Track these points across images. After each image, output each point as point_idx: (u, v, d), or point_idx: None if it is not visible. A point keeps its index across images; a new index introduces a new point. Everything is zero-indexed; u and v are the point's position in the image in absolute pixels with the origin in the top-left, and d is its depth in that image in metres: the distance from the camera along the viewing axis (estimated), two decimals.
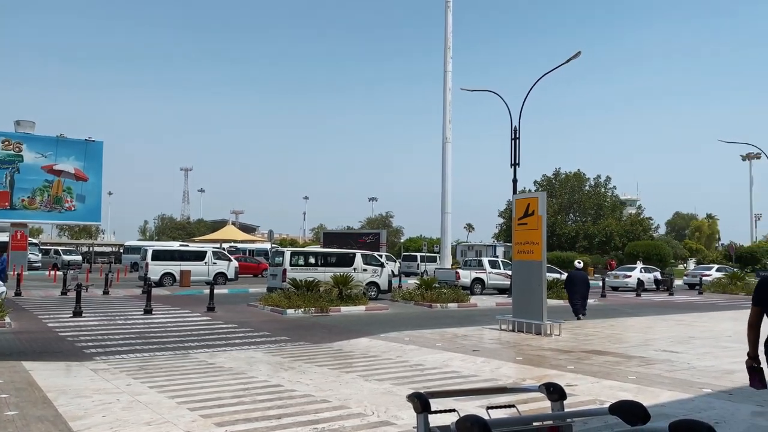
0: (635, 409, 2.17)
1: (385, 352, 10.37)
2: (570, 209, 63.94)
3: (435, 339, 11.95)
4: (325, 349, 10.75)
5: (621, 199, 69.78)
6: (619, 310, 20.32)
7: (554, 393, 2.51)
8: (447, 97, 34.31)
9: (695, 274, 36.92)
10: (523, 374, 8.54)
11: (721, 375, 8.44)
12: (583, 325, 14.83)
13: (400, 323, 15.31)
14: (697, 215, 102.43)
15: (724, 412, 6.36)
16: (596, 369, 8.86)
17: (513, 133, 23.17)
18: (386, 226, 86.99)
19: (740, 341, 12.12)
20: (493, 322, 14.55)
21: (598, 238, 58.10)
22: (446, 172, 35.02)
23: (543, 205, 13.36)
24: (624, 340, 12.32)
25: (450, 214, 36.44)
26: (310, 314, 17.05)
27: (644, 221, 62.25)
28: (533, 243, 13.34)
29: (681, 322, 16.11)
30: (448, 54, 34.26)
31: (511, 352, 10.70)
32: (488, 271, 27.45)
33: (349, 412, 6.21)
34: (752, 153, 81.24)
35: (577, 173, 64.79)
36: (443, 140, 34.60)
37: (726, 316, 18.25)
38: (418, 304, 20.71)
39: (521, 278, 13.79)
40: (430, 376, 8.26)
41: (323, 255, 23.28)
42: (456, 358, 9.80)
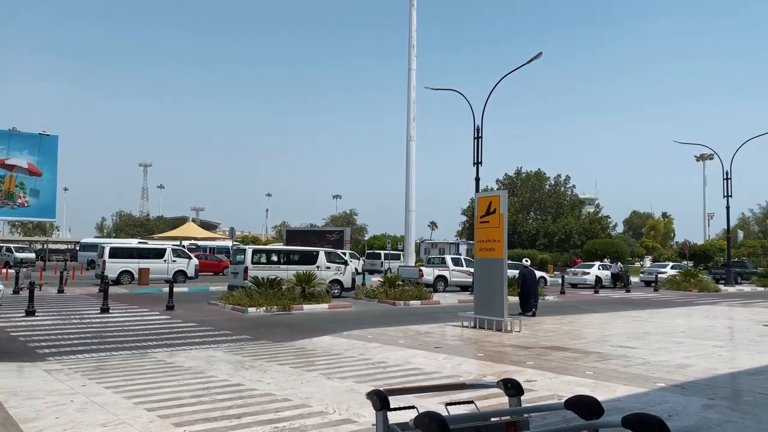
0: (590, 404, 2.22)
1: (347, 350, 10.35)
2: (531, 208, 64.95)
3: (398, 336, 11.99)
4: (287, 348, 10.67)
5: (580, 198, 71.19)
6: (578, 307, 20.73)
7: (512, 389, 2.55)
8: (411, 95, 34.42)
9: (651, 271, 37.97)
10: (484, 370, 8.63)
11: (674, 369, 8.69)
12: (543, 322, 15.09)
13: (363, 321, 15.31)
14: (653, 214, 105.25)
15: (677, 405, 6.55)
16: (555, 365, 9.02)
17: (476, 132, 23.38)
18: (350, 223, 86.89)
19: (693, 336, 12.53)
20: (455, 319, 14.67)
21: (557, 236, 59.17)
22: (410, 170, 35.15)
23: (504, 203, 13.53)
24: (582, 336, 12.57)
25: (414, 212, 36.61)
26: (272, 313, 16.90)
27: (602, 220, 63.66)
28: (495, 241, 13.50)
29: (637, 318, 16.53)
30: (412, 52, 34.36)
31: (473, 348, 10.81)
32: (451, 269, 27.68)
33: (310, 411, 6.18)
34: (706, 154, 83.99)
35: (538, 172, 65.85)
36: (407, 138, 34.71)
37: (680, 312, 18.81)
38: (382, 302, 20.74)
39: (483, 276, 13.93)
40: (393, 374, 8.28)
41: (286, 253, 23.10)
42: (418, 355, 9.85)
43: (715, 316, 17.30)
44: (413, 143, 34.61)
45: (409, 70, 34.73)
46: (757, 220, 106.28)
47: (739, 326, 14.92)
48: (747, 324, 15.31)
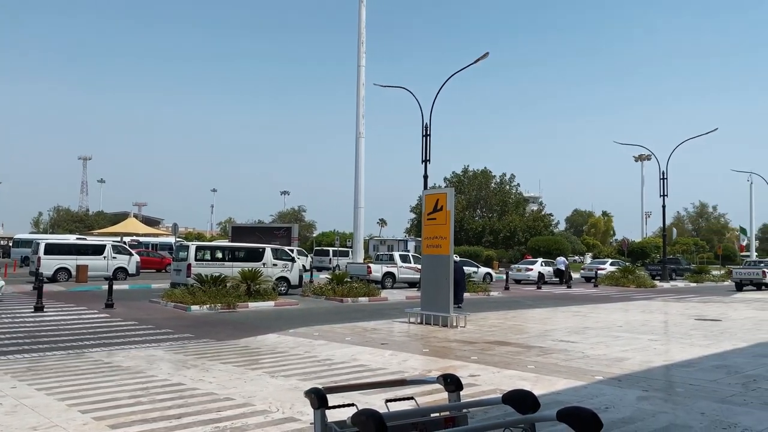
0: (526, 398, 2.25)
1: (293, 347, 10.25)
2: (477, 205, 66.02)
3: (345, 333, 11.95)
4: (231, 346, 10.48)
5: (524, 197, 72.82)
6: (521, 302, 21.19)
7: (451, 384, 2.56)
8: (360, 92, 34.37)
9: (591, 267, 39.16)
10: (429, 366, 8.70)
11: (611, 363, 8.97)
12: (488, 317, 15.34)
13: (310, 318, 15.20)
14: (594, 212, 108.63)
15: (614, 397, 6.76)
16: (498, 359, 9.18)
17: (424, 130, 23.56)
18: (298, 220, 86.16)
19: (630, 331, 12.98)
20: (402, 316, 14.74)
21: (503, 233, 60.35)
22: (359, 166, 35.12)
23: (451, 200, 13.67)
24: (525, 330, 12.85)
25: (363, 209, 36.60)
26: (216, 310, 16.58)
27: (545, 217, 65.32)
28: (441, 238, 13.63)
29: (577, 313, 17.02)
30: (361, 49, 34.30)
31: (419, 344, 10.88)
32: (399, 266, 27.83)
33: (253, 410, 6.08)
34: (644, 155, 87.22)
35: (484, 171, 66.95)
36: (357, 135, 34.66)
37: (617, 307, 19.48)
38: (329, 299, 20.65)
39: (430, 272, 14.05)
40: (338, 371, 8.25)
41: (231, 249, 22.71)
42: (365, 351, 9.85)
43: (651, 311, 17.99)
44: (362, 140, 34.58)
45: (358, 66, 34.66)
46: (691, 219, 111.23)
47: (672, 320, 15.56)
48: (680, 318, 15.99)
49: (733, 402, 6.58)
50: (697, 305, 20.33)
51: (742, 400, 6.66)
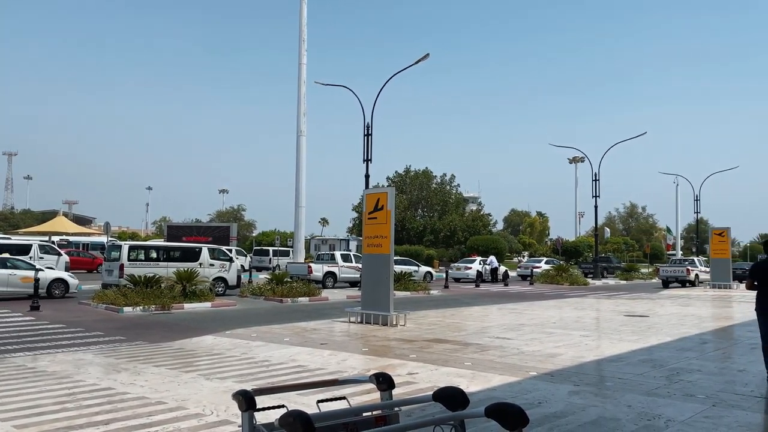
0: (456, 395, 2.27)
1: (229, 349, 10.05)
2: (419, 205, 66.69)
3: (283, 334, 11.81)
4: (164, 349, 10.17)
5: (464, 197, 74.08)
6: (460, 300, 21.53)
7: (383, 383, 2.55)
8: (301, 89, 34.08)
9: (527, 266, 40.18)
10: (369, 365, 8.70)
11: (545, 359, 9.22)
12: (427, 315, 15.50)
13: (248, 319, 14.95)
14: (530, 213, 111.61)
15: (546, 392, 6.95)
16: (436, 357, 9.28)
17: (365, 129, 23.57)
18: (238, 219, 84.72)
19: (563, 327, 13.37)
20: (343, 315, 14.70)
21: (443, 232, 61.18)
22: (300, 165, 34.82)
23: (392, 200, 13.72)
24: (463, 328, 13.04)
25: (304, 208, 36.29)
26: (150, 312, 16.08)
27: (484, 217, 66.65)
28: (382, 237, 13.66)
29: (514, 310, 17.42)
30: (302, 46, 34.02)
31: (358, 343, 10.88)
32: (340, 265, 27.77)
33: (186, 413, 5.91)
34: (578, 157, 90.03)
35: (425, 171, 67.70)
36: (298, 133, 34.35)
37: (552, 304, 20.05)
38: (269, 299, 20.39)
39: (370, 271, 14.06)
40: (276, 372, 8.14)
41: (166, 249, 22.08)
42: (303, 352, 9.75)
43: (583, 308, 18.61)
44: (303, 138, 34.31)
45: (299, 64, 34.37)
46: (622, 219, 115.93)
47: (604, 317, 16.15)
48: (611, 315, 16.61)
49: (658, 394, 6.87)
50: (627, 302, 21.18)
51: (666, 393, 6.96)
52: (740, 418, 5.84)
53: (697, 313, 17.15)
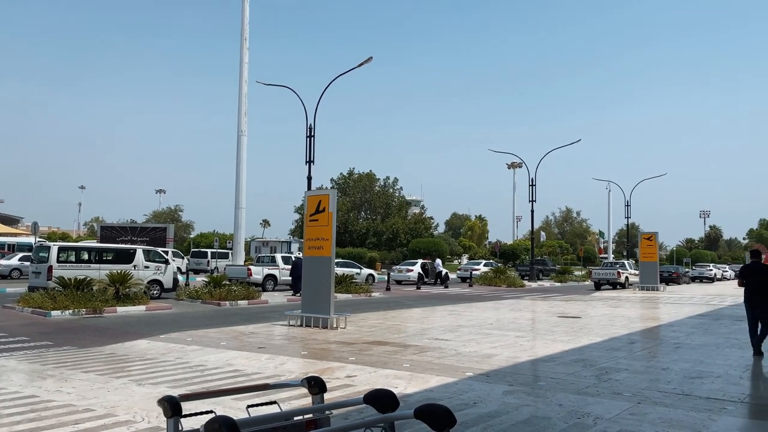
0: (386, 397, 2.29)
1: (164, 354, 9.77)
2: (362, 207, 66.80)
3: (220, 338, 11.58)
4: (95, 354, 9.80)
5: (407, 200, 74.76)
6: (401, 302, 21.68)
7: (315, 386, 2.55)
8: (243, 89, 33.59)
9: (467, 268, 40.91)
10: (307, 369, 8.64)
11: (481, 359, 9.40)
12: (368, 318, 15.53)
13: (184, 323, 14.59)
14: (470, 216, 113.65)
15: (482, 392, 7.08)
16: (375, 359, 9.31)
17: (308, 130, 23.46)
18: (175, 220, 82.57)
19: (500, 328, 13.67)
20: (283, 319, 14.54)
21: (386, 234, 61.49)
22: (241, 165, 34.28)
23: (333, 202, 13.69)
24: (403, 330, 13.14)
25: (244, 210, 35.72)
26: (80, 316, 15.45)
27: (426, 220, 67.40)
28: (323, 239, 13.61)
29: (453, 312, 17.68)
30: (244, 45, 33.54)
31: (298, 347, 10.78)
32: (281, 267, 27.46)
33: (115, 420, 5.71)
34: (516, 162, 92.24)
35: (369, 174, 67.92)
36: (238, 133, 33.82)
37: (489, 306, 20.47)
38: (206, 303, 19.96)
39: (311, 274, 13.97)
40: (211, 377, 7.97)
41: (98, 251, 21.26)
42: (241, 356, 9.60)
43: (519, 309, 19.08)
44: (244, 138, 33.81)
45: (241, 63, 33.87)
46: (557, 223, 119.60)
47: (538, 318, 16.61)
48: (545, 316, 17.10)
49: (588, 393, 7.12)
50: (561, 303, 21.85)
51: (595, 391, 7.22)
52: (662, 415, 6.12)
53: (626, 314, 17.87)
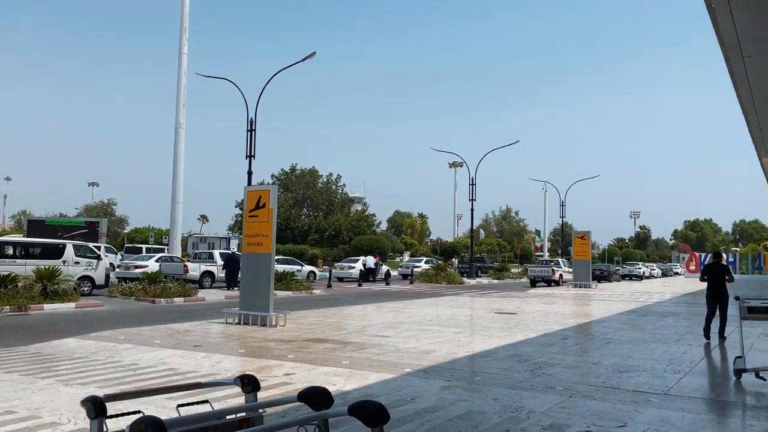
0: (320, 394, 2.27)
1: (94, 353, 9.41)
2: (304, 204, 66.26)
3: (154, 336, 11.25)
4: (18, 353, 9.33)
5: (350, 197, 74.64)
6: (342, 300, 21.65)
7: (248, 385, 2.50)
8: (182, 80, 32.71)
9: (408, 265, 41.24)
10: (245, 367, 8.51)
11: (420, 355, 9.49)
12: (308, 315, 15.43)
13: (116, 321, 14.09)
14: (412, 214, 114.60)
15: (420, 388, 7.15)
16: (314, 356, 9.26)
17: (249, 124, 23.08)
18: (108, 214, 79.68)
19: (439, 325, 13.84)
20: (220, 316, 14.26)
21: (328, 231, 61.22)
22: (178, 159, 33.40)
23: (274, 197, 13.52)
24: (343, 327, 13.12)
25: (181, 204, 34.84)
26: (3, 314, 14.69)
27: (369, 218, 67.56)
28: (263, 235, 13.42)
29: (393, 309, 17.79)
30: (183, 36, 32.67)
31: (235, 345, 10.60)
32: (219, 264, 26.91)
33: (39, 422, 5.46)
34: (457, 161, 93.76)
35: (312, 170, 67.46)
36: (176, 125, 32.94)
37: (429, 302, 20.71)
38: (140, 300, 19.35)
39: (250, 271, 13.75)
40: (144, 376, 7.73)
41: (24, 245, 20.26)
42: (175, 354, 9.35)
43: (458, 306, 19.39)
44: (182, 130, 32.96)
45: (180, 54, 32.97)
46: (496, 222, 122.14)
47: (476, 314, 16.92)
48: (483, 312, 17.44)
49: (522, 387, 7.31)
50: (498, 300, 22.34)
51: (529, 386, 7.42)
52: (592, 408, 6.35)
53: (560, 311, 18.44)
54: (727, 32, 11.40)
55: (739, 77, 14.35)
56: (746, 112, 18.14)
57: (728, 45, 12.10)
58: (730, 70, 14.02)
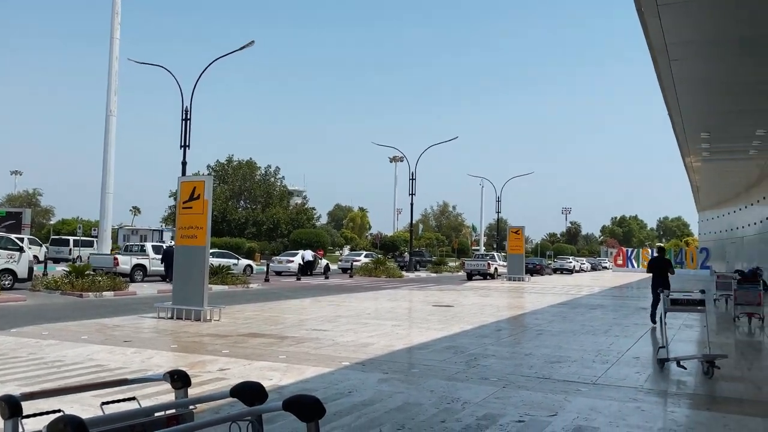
0: (253, 390, 2.21)
1: (14, 349, 8.91)
2: (241, 196, 65.00)
3: (81, 331, 10.77)
4: None
5: (289, 189, 73.74)
6: (280, 294, 21.39)
7: (178, 380, 2.41)
8: (113, 66, 31.44)
9: (348, 259, 41.23)
10: (177, 362, 8.27)
11: (358, 348, 9.49)
12: (244, 309, 15.17)
13: (40, 316, 13.41)
14: (353, 208, 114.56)
15: (357, 381, 7.15)
16: (250, 351, 9.10)
17: (184, 113, 22.45)
18: (32, 205, 75.81)
19: (377, 318, 13.89)
20: (152, 311, 13.79)
21: (266, 225, 60.33)
22: (109, 148, 32.13)
23: (209, 189, 13.19)
24: (280, 321, 12.96)
25: (112, 195, 33.56)
26: None
27: (308, 211, 66.98)
28: (198, 228, 13.07)
29: (332, 302, 17.73)
30: (116, 20, 31.38)
31: (167, 340, 10.29)
32: (152, 257, 26.09)
33: None
34: (398, 156, 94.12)
35: (249, 162, 66.21)
36: (107, 113, 31.66)
37: (368, 296, 20.76)
38: (67, 294, 18.52)
39: (184, 264, 13.37)
40: (69, 373, 7.39)
41: None
42: (104, 350, 8.98)
43: (397, 299, 19.53)
44: (114, 118, 31.70)
45: (111, 38, 31.65)
46: (435, 216, 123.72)
47: (414, 307, 17.08)
48: (421, 305, 17.63)
49: (457, 379, 7.42)
50: (436, 293, 22.64)
51: (464, 377, 7.54)
52: (525, 398, 6.51)
53: (494, 303, 18.87)
54: (656, 36, 11.91)
55: (666, 80, 15.04)
56: (671, 113, 19.04)
57: (656, 49, 12.65)
58: (658, 74, 14.68)
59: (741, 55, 13.10)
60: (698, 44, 12.80)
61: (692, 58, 13.52)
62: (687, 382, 7.63)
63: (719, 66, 14.06)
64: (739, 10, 11.05)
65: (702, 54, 13.37)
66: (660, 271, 13.36)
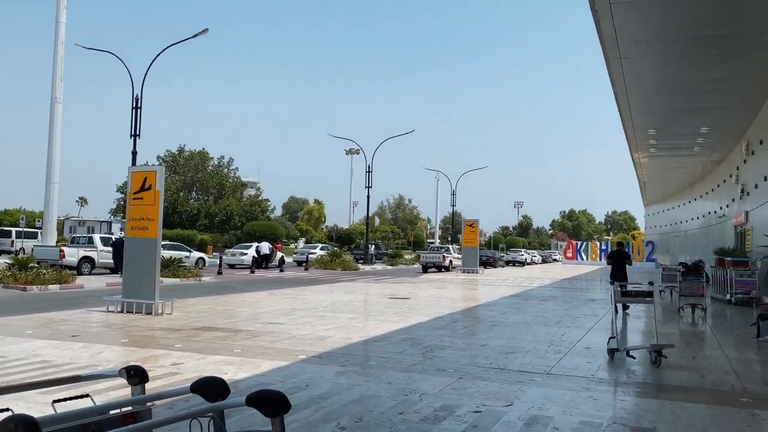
0: (216, 385, 2.15)
1: None
2: (193, 187, 63.66)
3: (25, 326, 10.36)
4: None
5: (243, 181, 72.67)
6: (234, 287, 21.08)
7: (135, 376, 2.32)
8: (59, 51, 30.28)
9: (303, 252, 40.90)
10: (128, 357, 8.04)
11: (315, 341, 9.42)
12: (197, 303, 14.87)
13: None
14: (308, 200, 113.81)
15: (314, 374, 7.09)
16: (204, 345, 8.93)
17: (134, 102, 21.82)
18: None
19: (334, 310, 13.83)
20: (101, 305, 13.39)
21: (219, 216, 59.30)
22: (54, 136, 31.01)
23: (161, 179, 12.85)
24: (235, 315, 12.76)
25: (57, 185, 32.42)
26: None
27: (262, 203, 66.13)
28: (149, 219, 12.73)
29: (287, 295, 17.57)
30: (61, 3, 30.18)
31: (117, 334, 10.00)
32: (100, 249, 25.31)
33: None
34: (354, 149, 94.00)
35: (201, 152, 64.88)
36: (52, 100, 30.50)
37: (325, 289, 20.67)
38: (9, 287, 17.80)
39: (134, 256, 13.01)
40: (13, 369, 7.09)
41: None
42: (50, 345, 8.66)
43: (353, 292, 19.50)
44: (59, 106, 30.58)
45: (57, 22, 30.45)
46: (391, 209, 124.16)
47: (371, 300, 17.10)
48: (377, 297, 17.65)
49: (415, 370, 7.45)
50: (392, 285, 22.71)
51: (421, 368, 7.58)
52: (481, 388, 6.59)
53: (450, 295, 19.07)
54: (608, 34, 12.19)
55: (617, 77, 15.43)
56: (621, 110, 19.56)
57: (608, 46, 12.96)
58: (609, 71, 15.05)
59: (689, 54, 13.55)
60: (648, 43, 13.18)
61: (642, 56, 13.92)
62: (636, 371, 7.87)
63: (668, 65, 14.52)
64: (688, 11, 11.42)
65: (652, 53, 13.77)
66: (619, 262, 14.56)
